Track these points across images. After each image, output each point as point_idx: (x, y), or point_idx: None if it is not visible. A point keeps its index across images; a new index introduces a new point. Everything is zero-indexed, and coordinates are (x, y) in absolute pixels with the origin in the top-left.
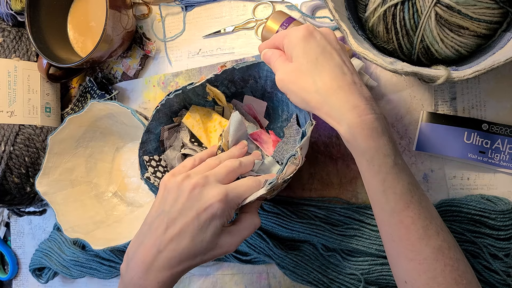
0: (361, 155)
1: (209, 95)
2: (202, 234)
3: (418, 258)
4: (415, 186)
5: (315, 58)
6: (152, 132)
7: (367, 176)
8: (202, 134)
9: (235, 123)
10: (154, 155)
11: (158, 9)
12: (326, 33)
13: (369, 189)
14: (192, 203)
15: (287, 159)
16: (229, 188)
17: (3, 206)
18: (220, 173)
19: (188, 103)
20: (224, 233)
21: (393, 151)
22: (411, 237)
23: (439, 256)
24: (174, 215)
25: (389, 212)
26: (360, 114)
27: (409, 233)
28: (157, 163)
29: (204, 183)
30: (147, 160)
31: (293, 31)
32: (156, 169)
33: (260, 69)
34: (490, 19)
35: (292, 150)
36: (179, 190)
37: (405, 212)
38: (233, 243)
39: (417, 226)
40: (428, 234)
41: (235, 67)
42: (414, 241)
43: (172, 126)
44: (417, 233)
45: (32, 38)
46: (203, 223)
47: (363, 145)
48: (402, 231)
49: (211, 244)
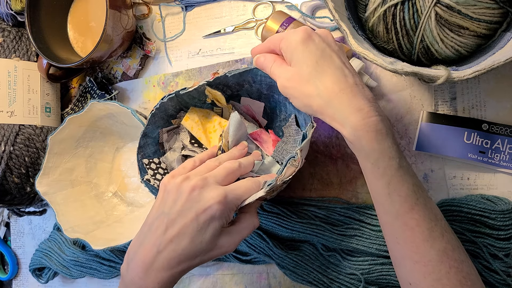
0: (366, 157)
1: (208, 97)
2: (201, 235)
3: (423, 260)
4: (420, 188)
5: (315, 62)
6: (149, 136)
7: (371, 179)
8: (202, 135)
9: (235, 123)
10: (153, 158)
11: (158, 9)
12: (324, 35)
13: (373, 192)
14: (191, 205)
15: (287, 160)
16: (228, 189)
17: (3, 206)
18: (220, 174)
19: (184, 106)
20: (223, 234)
21: (398, 153)
22: (416, 239)
23: (444, 258)
24: (173, 216)
25: (393, 215)
26: (364, 116)
27: (414, 235)
28: (157, 166)
29: (203, 185)
30: (147, 163)
31: (291, 34)
32: (156, 172)
33: (254, 74)
34: (490, 19)
35: (292, 150)
36: (178, 191)
37: (410, 214)
38: (233, 243)
39: (422, 228)
40: (433, 236)
41: (227, 74)
42: (419, 243)
43: (171, 128)
44: (422, 235)
45: (32, 38)
46: (202, 224)
47: (368, 148)
48: (407, 233)
49: (210, 245)
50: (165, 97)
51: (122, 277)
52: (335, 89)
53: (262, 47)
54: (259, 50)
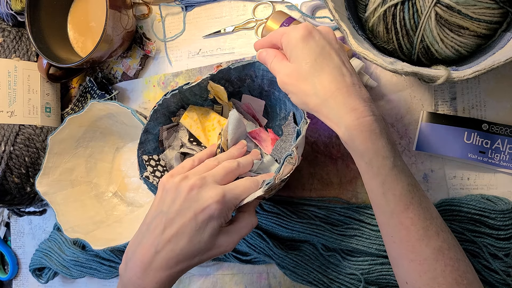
0: (360, 157)
1: (210, 93)
2: (200, 235)
3: (419, 258)
4: (415, 187)
5: (314, 60)
6: (150, 132)
7: (366, 178)
8: (201, 134)
9: (234, 121)
10: (153, 155)
11: (158, 9)
12: (325, 32)
13: (370, 191)
14: (190, 204)
15: (284, 159)
16: (226, 189)
17: (3, 206)
18: (218, 174)
19: (185, 103)
20: (222, 233)
21: (392, 153)
22: (411, 238)
23: (439, 257)
24: (172, 216)
25: (389, 214)
26: (358, 116)
27: (409, 234)
28: (156, 163)
29: (201, 184)
30: (146, 160)
31: (292, 31)
32: (155, 169)
33: (256, 68)
34: (490, 19)
35: (290, 148)
36: (177, 191)
37: (404, 214)
38: (231, 243)
39: (417, 227)
40: (428, 235)
41: (230, 66)
42: (414, 242)
43: (171, 126)
44: (417, 234)
45: (32, 38)
46: (201, 223)
47: (362, 148)
48: (402, 232)
49: (209, 244)
50: (168, 93)
51: (120, 277)
52: (331, 88)
53: (265, 41)
54: (261, 44)
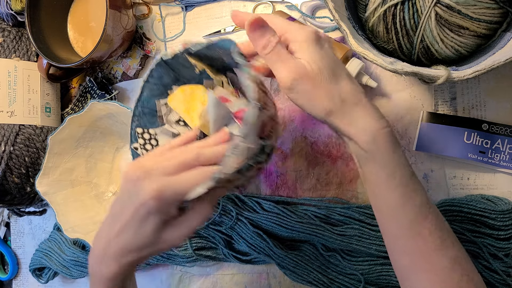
0: (382, 167)
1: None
2: (143, 228)
3: (435, 268)
4: (427, 197)
5: (331, 67)
6: (144, 105)
7: (384, 191)
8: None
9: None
10: (149, 129)
11: (158, 9)
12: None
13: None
14: (132, 198)
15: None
16: (166, 184)
17: (3, 206)
18: (168, 166)
19: (178, 75)
20: (168, 227)
21: (408, 161)
22: (428, 249)
23: (456, 266)
24: (119, 208)
25: (407, 226)
26: (383, 125)
27: (426, 245)
28: (151, 136)
29: (144, 177)
30: (140, 132)
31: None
32: (148, 142)
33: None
34: (490, 19)
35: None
36: (126, 181)
37: (423, 224)
38: (179, 236)
39: (434, 237)
40: (445, 245)
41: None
42: (431, 252)
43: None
44: (434, 244)
45: (32, 38)
46: (142, 218)
47: (386, 157)
48: (419, 242)
49: (153, 238)
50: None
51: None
52: (358, 96)
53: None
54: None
